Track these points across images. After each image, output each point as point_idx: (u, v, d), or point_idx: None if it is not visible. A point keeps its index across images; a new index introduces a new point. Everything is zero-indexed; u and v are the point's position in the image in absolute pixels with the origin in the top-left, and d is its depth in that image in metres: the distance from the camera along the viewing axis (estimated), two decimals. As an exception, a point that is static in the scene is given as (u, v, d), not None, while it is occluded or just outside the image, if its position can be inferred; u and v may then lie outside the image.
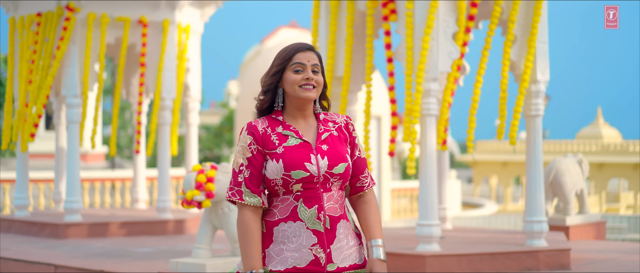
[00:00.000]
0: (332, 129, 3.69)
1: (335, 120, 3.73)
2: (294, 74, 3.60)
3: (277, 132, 3.61)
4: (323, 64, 3.70)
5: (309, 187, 3.54)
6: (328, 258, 3.53)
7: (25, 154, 12.30)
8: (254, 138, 3.58)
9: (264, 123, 3.62)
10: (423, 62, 8.28)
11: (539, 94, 8.86)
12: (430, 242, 8.41)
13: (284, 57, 3.64)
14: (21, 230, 11.77)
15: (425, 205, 8.44)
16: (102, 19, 11.37)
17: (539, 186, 8.89)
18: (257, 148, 3.57)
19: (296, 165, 3.51)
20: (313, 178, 3.53)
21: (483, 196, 33.97)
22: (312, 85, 3.60)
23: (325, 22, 9.32)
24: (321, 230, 3.52)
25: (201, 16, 12.80)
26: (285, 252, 3.51)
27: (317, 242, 3.52)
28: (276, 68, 3.64)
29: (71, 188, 11.36)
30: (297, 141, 3.59)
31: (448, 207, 10.59)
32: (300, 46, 3.66)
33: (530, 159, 8.91)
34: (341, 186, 3.62)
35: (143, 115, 13.36)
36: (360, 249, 3.66)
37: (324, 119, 3.72)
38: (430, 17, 8.28)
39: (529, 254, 8.52)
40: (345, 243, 3.58)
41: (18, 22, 11.80)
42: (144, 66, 11.78)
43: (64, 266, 8.93)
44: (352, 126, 3.77)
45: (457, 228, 10.68)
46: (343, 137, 3.70)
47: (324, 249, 3.52)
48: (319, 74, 3.64)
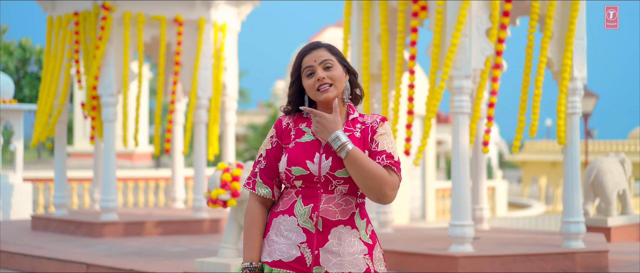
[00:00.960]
0: (355, 131, 3.53)
1: (365, 121, 3.57)
2: (307, 79, 3.53)
3: (298, 127, 3.58)
4: (340, 54, 3.57)
5: (309, 185, 3.47)
6: (315, 260, 3.43)
7: (64, 153, 12.36)
8: (276, 131, 3.61)
9: (291, 118, 3.62)
10: (450, 59, 8.09)
11: (576, 91, 8.63)
12: (463, 242, 8.24)
13: (295, 67, 3.59)
14: (58, 229, 11.82)
15: (457, 205, 8.28)
16: (137, 18, 11.36)
17: (576, 186, 8.66)
18: (277, 141, 3.59)
19: (297, 162, 3.46)
20: (313, 177, 3.45)
21: (532, 196, 33.49)
22: (327, 83, 3.50)
23: (357, 19, 9.18)
24: (311, 230, 3.44)
25: (238, 15, 12.74)
26: (275, 244, 3.49)
27: (305, 240, 3.44)
28: (291, 80, 3.60)
29: (107, 187, 11.38)
30: (310, 138, 3.53)
31: (485, 207, 10.39)
32: (305, 49, 3.58)
33: (567, 159, 8.69)
34: (349, 191, 3.47)
35: (178, 114, 13.38)
36: (365, 259, 3.47)
37: (353, 119, 3.58)
38: (461, 13, 8.10)
39: (565, 255, 8.30)
40: (339, 249, 3.44)
41: (55, 21, 11.86)
42: (179, 64, 11.74)
43: (95, 265, 8.92)
44: (378, 125, 3.54)
45: (494, 229, 10.47)
46: (364, 138, 3.52)
47: (312, 250, 3.43)
48: (332, 68, 3.51)
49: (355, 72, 3.62)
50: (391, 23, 9.17)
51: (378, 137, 3.51)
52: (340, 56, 3.57)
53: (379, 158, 3.45)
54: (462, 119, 8.32)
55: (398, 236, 9.59)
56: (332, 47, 3.58)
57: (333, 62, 3.52)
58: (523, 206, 27.51)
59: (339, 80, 3.51)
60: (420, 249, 8.48)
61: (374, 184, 3.37)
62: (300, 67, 3.53)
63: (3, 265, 9.90)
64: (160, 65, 11.80)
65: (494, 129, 37.56)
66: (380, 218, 9.93)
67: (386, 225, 9.97)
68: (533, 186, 34.57)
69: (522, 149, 35.79)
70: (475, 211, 10.39)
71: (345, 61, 3.58)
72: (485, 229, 10.31)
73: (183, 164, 13.89)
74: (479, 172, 10.37)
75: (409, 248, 8.54)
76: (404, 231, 10.30)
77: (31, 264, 9.54)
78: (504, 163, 49.18)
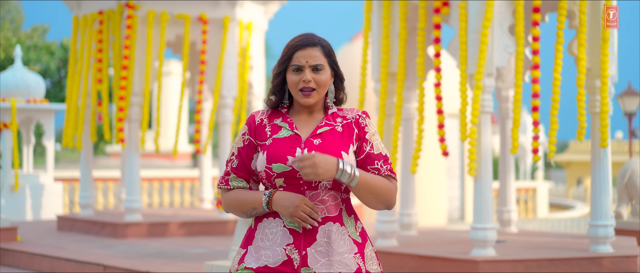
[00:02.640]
0: (337, 125, 3.39)
1: (346, 116, 3.44)
2: (293, 75, 3.36)
3: (273, 123, 3.40)
4: (333, 56, 3.40)
5: (291, 183, 3.30)
6: (303, 261, 3.26)
7: (89, 153, 12.30)
8: (248, 128, 3.42)
9: (264, 114, 3.43)
10: (483, 58, 7.82)
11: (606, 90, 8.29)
12: (485, 246, 7.98)
13: (283, 57, 3.40)
14: (83, 229, 11.76)
15: (479, 207, 8.02)
16: (161, 17, 11.25)
17: (604, 188, 8.34)
18: (249, 139, 3.41)
19: (278, 158, 3.29)
20: (295, 173, 3.27)
21: (577, 197, 32.88)
22: (311, 88, 3.33)
23: (377, 16, 8.94)
24: (298, 230, 3.29)
25: (265, 13, 12.56)
26: (261, 249, 3.32)
27: (292, 242, 3.27)
28: (277, 70, 3.41)
29: (131, 187, 11.29)
30: (288, 133, 3.36)
31: (513, 210, 10.08)
32: (300, 43, 3.37)
33: (595, 160, 8.36)
34: (333, 186, 3.31)
35: (206, 113, 13.25)
36: (355, 258, 3.32)
37: (333, 114, 3.44)
38: (488, 9, 7.82)
39: (591, 260, 8.00)
40: (327, 249, 3.28)
41: (81, 20, 11.80)
42: (205, 63, 11.60)
43: (112, 266, 8.82)
44: (365, 121, 3.42)
45: (522, 232, 10.16)
46: (348, 133, 3.38)
47: (299, 251, 3.27)
48: (321, 72, 3.35)
49: (342, 78, 3.46)
50: (412, 20, 8.93)
51: (371, 137, 3.39)
52: (333, 58, 3.40)
53: (378, 164, 3.36)
54: (485, 118, 8.05)
55: (421, 239, 9.34)
56: (326, 47, 3.39)
57: (323, 66, 3.36)
58: (566, 208, 26.98)
59: (324, 86, 3.36)
60: (442, 253, 8.23)
61: (383, 198, 3.32)
62: (290, 60, 3.35)
63: (23, 265, 9.85)
64: (184, 64, 11.67)
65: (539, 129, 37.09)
66: (404, 220, 9.68)
67: (410, 228, 9.73)
68: (579, 187, 33.95)
69: (567, 149, 35.19)
70: (503, 213, 10.10)
71: (336, 64, 3.42)
72: (513, 232, 10.02)
73: (211, 164, 13.77)
74: (507, 173, 10.07)
75: (430, 252, 8.29)
76: (428, 234, 10.05)
77: (51, 265, 9.47)
78: (549, 163, 48.48)
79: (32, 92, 14.50)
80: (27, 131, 15.24)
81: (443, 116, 8.36)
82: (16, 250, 10.05)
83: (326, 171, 3.16)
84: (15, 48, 16.11)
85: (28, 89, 14.44)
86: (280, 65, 3.38)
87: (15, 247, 10.16)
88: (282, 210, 3.26)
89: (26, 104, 14.28)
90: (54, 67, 30.34)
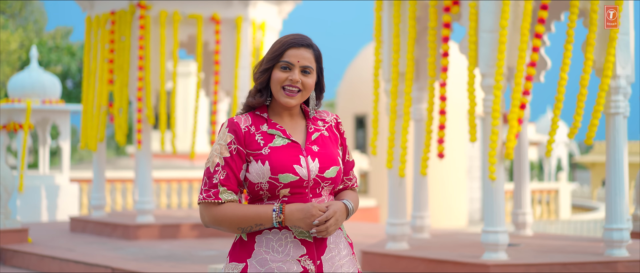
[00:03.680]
0: (323, 129, 3.34)
1: (325, 119, 3.38)
2: (280, 72, 3.23)
3: (262, 131, 3.23)
4: (321, 64, 3.31)
5: (297, 192, 3.18)
6: (319, 270, 3.18)
7: (102, 154, 12.24)
8: (235, 137, 3.19)
9: (247, 121, 3.24)
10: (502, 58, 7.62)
11: (619, 90, 8.08)
12: (496, 250, 7.80)
13: (274, 52, 3.26)
14: (95, 231, 11.71)
15: (490, 210, 7.84)
16: (173, 17, 11.18)
17: (620, 191, 8.13)
18: (238, 148, 3.18)
19: (284, 168, 3.15)
20: (302, 182, 3.17)
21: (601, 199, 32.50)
22: (296, 88, 3.22)
23: (388, 15, 8.79)
24: (310, 240, 3.19)
25: (279, 13, 12.45)
26: (269, 262, 3.15)
27: (306, 252, 3.16)
28: (266, 65, 3.26)
29: (142, 188, 11.21)
30: (284, 141, 3.22)
31: (528, 212, 9.88)
32: (294, 41, 3.25)
33: (610, 161, 8.16)
34: (332, 191, 3.30)
35: (221, 114, 13.14)
36: (352, 260, 3.32)
37: (313, 117, 3.35)
38: (505, 8, 7.63)
39: (605, 264, 7.80)
40: (336, 254, 3.25)
41: (94, 20, 11.76)
42: (219, 64, 11.50)
43: (119, 269, 8.74)
44: (342, 126, 3.42)
45: (537, 235, 9.96)
46: (334, 137, 3.36)
47: (314, 261, 3.18)
48: (309, 75, 3.25)
49: (323, 89, 3.36)
50: (423, 19, 8.77)
51: (346, 143, 3.42)
52: (321, 65, 3.31)
53: (351, 174, 3.43)
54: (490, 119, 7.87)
55: (433, 243, 9.18)
56: (317, 52, 3.30)
57: (312, 70, 3.26)
58: (589, 209, 26.66)
59: (309, 89, 3.26)
60: (452, 256, 8.07)
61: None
62: (281, 56, 3.22)
63: (33, 267, 9.80)
64: (198, 65, 11.58)
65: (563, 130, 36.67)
66: (416, 223, 9.53)
67: (422, 230, 9.57)
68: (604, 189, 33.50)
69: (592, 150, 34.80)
70: (518, 216, 9.90)
71: (322, 73, 3.33)
72: (528, 235, 9.82)
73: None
74: (522, 175, 9.87)
75: (441, 256, 8.13)
76: (441, 236, 9.88)
77: (59, 267, 9.41)
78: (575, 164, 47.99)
79: (48, 93, 14.50)
80: (43, 131, 15.24)
81: (445, 117, 8.21)
82: (26, 251, 10.01)
83: (342, 219, 3.21)
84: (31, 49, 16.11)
85: (44, 90, 14.45)
86: (270, 61, 3.24)
87: (26, 249, 10.12)
88: (298, 224, 3.13)
89: (42, 105, 14.28)
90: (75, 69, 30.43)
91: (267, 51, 3.27)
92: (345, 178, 3.41)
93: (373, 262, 8.54)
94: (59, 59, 30.15)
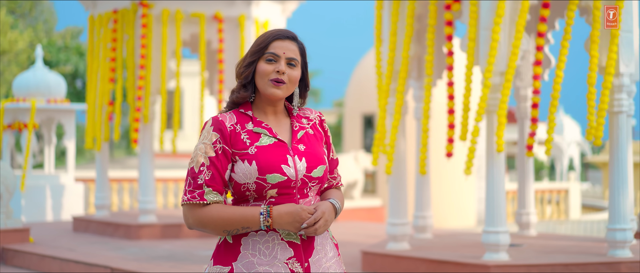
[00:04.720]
0: (307, 127, 3.28)
1: (309, 116, 3.32)
2: (265, 64, 3.15)
3: (247, 129, 3.15)
4: (306, 58, 3.25)
5: (284, 193, 3.11)
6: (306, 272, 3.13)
7: (105, 154, 12.19)
8: (221, 136, 3.11)
9: (232, 119, 3.16)
10: (493, 55, 7.54)
11: (623, 88, 7.97)
12: (497, 250, 7.70)
13: (259, 45, 3.19)
14: (97, 231, 11.67)
15: (491, 210, 7.74)
16: (176, 15, 11.12)
17: (623, 190, 8.02)
18: (223, 147, 3.10)
19: (272, 168, 3.08)
20: (290, 182, 3.11)
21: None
22: (282, 81, 3.14)
23: (388, 13, 8.69)
24: (297, 242, 3.13)
25: (283, 12, 12.37)
26: (256, 265, 3.08)
27: (293, 255, 3.11)
28: (250, 58, 3.19)
29: (144, 188, 11.17)
30: (271, 140, 3.15)
31: (532, 212, 9.77)
32: (279, 33, 3.20)
33: (613, 161, 8.05)
34: (318, 191, 3.26)
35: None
36: (338, 261, 3.28)
37: (297, 115, 3.28)
38: (500, 5, 7.54)
39: (608, 265, 7.69)
40: (323, 255, 3.20)
41: (96, 19, 11.72)
42: (222, 62, 11.44)
43: (119, 269, 8.69)
44: (325, 124, 3.37)
45: (541, 235, 9.85)
46: (319, 136, 3.31)
47: (302, 263, 3.12)
48: (295, 68, 3.18)
49: (308, 85, 3.30)
50: (423, 17, 8.68)
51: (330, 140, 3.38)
52: (305, 60, 3.25)
53: (336, 172, 3.38)
54: (495, 117, 7.78)
55: (435, 243, 9.09)
56: (302, 46, 3.24)
57: (297, 63, 3.19)
58: (600, 209, 26.48)
59: (293, 83, 3.19)
60: (453, 257, 7.98)
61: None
62: (266, 48, 3.15)
63: (34, 267, 9.76)
64: (202, 63, 11.52)
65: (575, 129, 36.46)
66: (419, 223, 9.44)
67: (425, 230, 9.49)
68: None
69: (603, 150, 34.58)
70: (522, 216, 9.80)
71: (306, 68, 3.26)
72: (532, 235, 9.71)
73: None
74: (526, 175, 9.77)
75: (441, 256, 8.04)
76: (443, 237, 9.78)
77: (59, 267, 9.37)
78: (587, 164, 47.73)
79: (53, 92, 14.48)
80: (48, 131, 15.21)
81: (453, 117, 8.11)
82: (27, 251, 9.97)
83: (331, 219, 3.16)
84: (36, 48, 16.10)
85: (49, 89, 14.42)
86: (255, 54, 3.17)
87: (26, 248, 10.08)
88: (287, 227, 3.06)
89: (47, 104, 14.25)
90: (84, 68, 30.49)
91: (251, 45, 3.21)
92: (330, 177, 3.35)
93: (373, 262, 8.46)
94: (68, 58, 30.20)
